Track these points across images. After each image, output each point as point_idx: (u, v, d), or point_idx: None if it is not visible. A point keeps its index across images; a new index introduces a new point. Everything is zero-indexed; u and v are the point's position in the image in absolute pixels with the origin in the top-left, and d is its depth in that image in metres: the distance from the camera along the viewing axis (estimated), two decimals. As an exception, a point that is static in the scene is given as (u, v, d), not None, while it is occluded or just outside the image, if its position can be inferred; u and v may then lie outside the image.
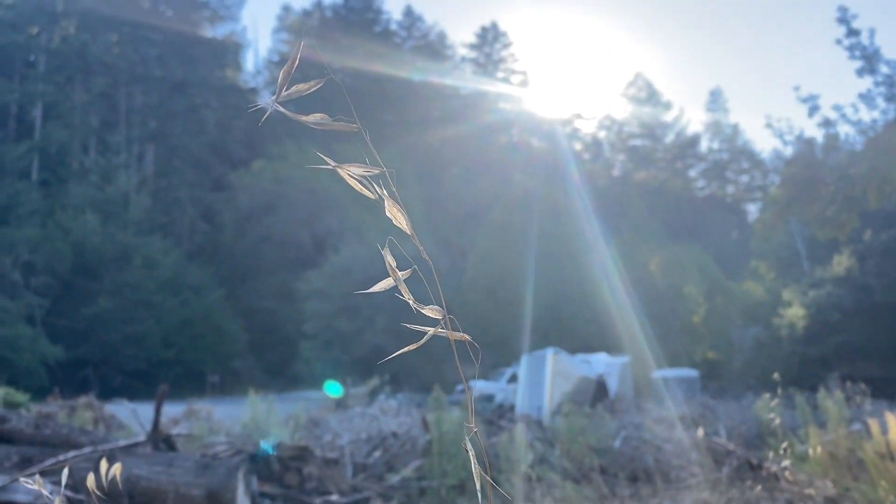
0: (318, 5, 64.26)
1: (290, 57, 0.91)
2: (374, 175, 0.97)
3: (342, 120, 0.96)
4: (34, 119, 51.64)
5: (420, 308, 0.90)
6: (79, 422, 11.82)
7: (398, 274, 0.91)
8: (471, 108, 60.14)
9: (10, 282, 39.94)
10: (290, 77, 0.93)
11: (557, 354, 18.42)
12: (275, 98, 0.89)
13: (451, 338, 0.91)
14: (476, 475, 0.99)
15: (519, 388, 19.19)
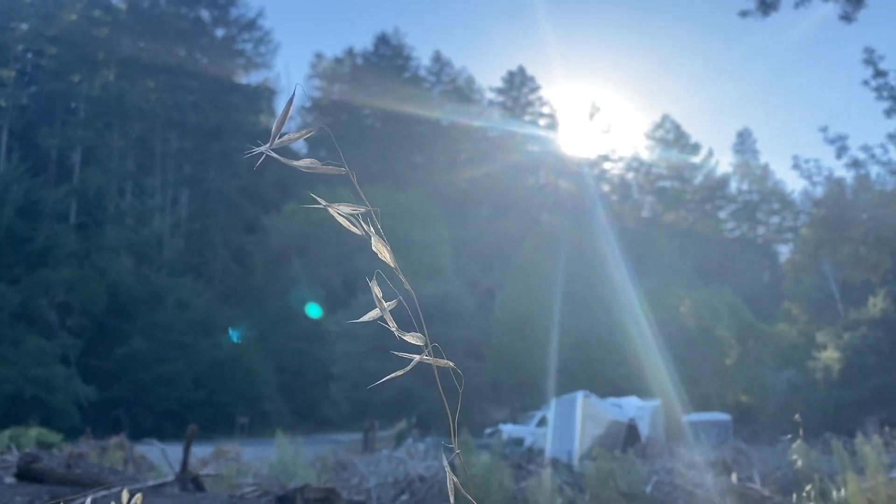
0: (349, 52, 65.71)
1: (283, 110, 1.01)
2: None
3: (331, 163, 1.06)
4: (73, 164, 53.16)
5: (402, 335, 0.99)
6: (110, 462, 11.95)
7: (384, 304, 1.00)
8: (498, 149, 60.63)
9: (47, 322, 40.69)
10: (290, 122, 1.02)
11: (588, 398, 18.24)
12: (268, 145, 0.99)
13: (435, 364, 1.00)
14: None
15: (549, 431, 18.98)
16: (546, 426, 20.42)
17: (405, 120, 59.18)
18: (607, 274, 40.34)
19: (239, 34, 61.02)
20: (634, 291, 37.20)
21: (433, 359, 1.07)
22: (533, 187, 60.63)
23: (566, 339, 36.52)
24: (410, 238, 46.50)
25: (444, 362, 1.07)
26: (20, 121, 52.58)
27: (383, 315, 1.06)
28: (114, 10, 57.52)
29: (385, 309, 1.04)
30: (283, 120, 0.99)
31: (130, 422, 36.58)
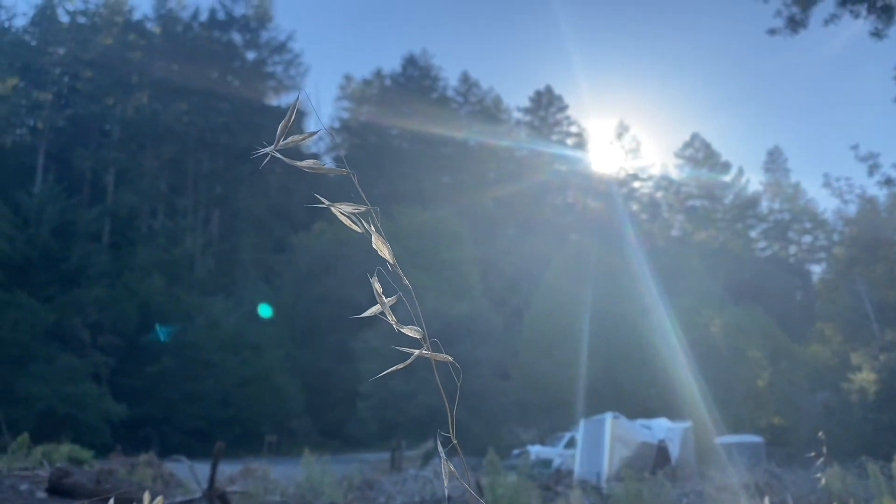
0: (377, 74, 66.39)
1: (288, 112, 1.06)
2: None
3: (336, 165, 1.10)
4: (107, 184, 54.18)
5: (401, 328, 1.02)
6: (139, 478, 12.05)
7: (384, 299, 1.03)
8: (526, 169, 60.67)
9: (79, 340, 41.30)
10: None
11: (616, 419, 18.05)
12: (273, 146, 1.03)
13: (433, 358, 1.02)
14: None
15: (577, 452, 18.81)
16: (574, 447, 20.23)
17: (433, 140, 59.53)
18: (637, 293, 40.00)
19: (270, 57, 62.02)
20: (664, 311, 36.82)
21: (431, 353, 1.09)
22: (561, 206, 60.51)
23: (595, 360, 36.22)
24: (438, 257, 46.58)
25: (443, 356, 1.10)
26: (56, 142, 53.78)
27: (383, 310, 1.09)
28: (148, 33, 58.81)
29: (385, 304, 1.07)
30: (288, 122, 1.05)
31: (160, 439, 36.90)
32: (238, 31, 61.03)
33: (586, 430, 18.61)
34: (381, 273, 1.10)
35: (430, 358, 1.10)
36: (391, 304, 1.09)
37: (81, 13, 57.79)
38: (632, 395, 34.05)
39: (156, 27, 59.40)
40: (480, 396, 37.22)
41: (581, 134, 67.03)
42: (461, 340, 38.36)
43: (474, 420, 36.01)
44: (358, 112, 65.65)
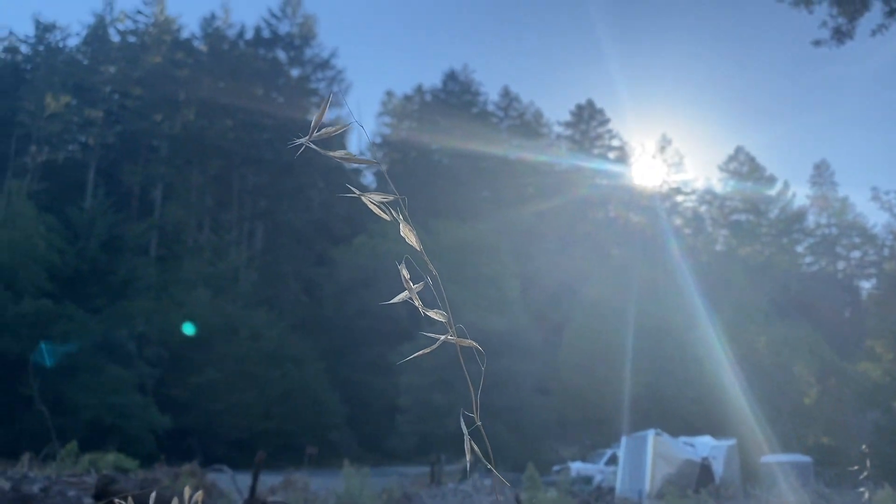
0: (418, 89, 66.92)
1: (321, 106, 1.13)
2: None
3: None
4: (155, 199, 55.49)
5: (426, 311, 1.08)
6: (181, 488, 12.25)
7: (412, 285, 1.09)
8: (566, 183, 60.41)
9: (126, 352, 42.20)
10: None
11: (659, 436, 17.80)
12: (307, 137, 1.10)
13: (458, 344, 1.07)
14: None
15: (619, 470, 18.60)
16: (616, 464, 20.00)
17: (473, 155, 59.69)
18: (680, 309, 39.47)
19: (313, 73, 62.99)
20: (709, 327, 36.24)
21: (457, 339, 1.15)
22: (602, 221, 60.07)
23: (637, 376, 35.79)
24: (477, 272, 46.57)
25: (469, 342, 1.15)
26: (106, 158, 55.31)
27: (410, 295, 1.15)
28: (195, 52, 60.22)
29: (413, 290, 1.13)
30: (321, 115, 1.12)
31: (203, 450, 37.41)
32: (283, 49, 62.18)
33: (628, 446, 18.40)
34: (408, 261, 1.16)
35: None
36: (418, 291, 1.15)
37: (131, 32, 59.51)
38: (675, 412, 33.52)
39: (203, 45, 60.82)
40: (520, 412, 37.02)
41: (623, 147, 66.58)
42: (500, 355, 38.24)
43: (514, 435, 35.81)
44: (399, 127, 66.21)
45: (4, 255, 41.67)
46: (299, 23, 62.18)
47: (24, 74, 56.42)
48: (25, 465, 18.76)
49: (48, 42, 58.47)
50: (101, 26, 58.23)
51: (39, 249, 42.94)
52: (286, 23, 62.01)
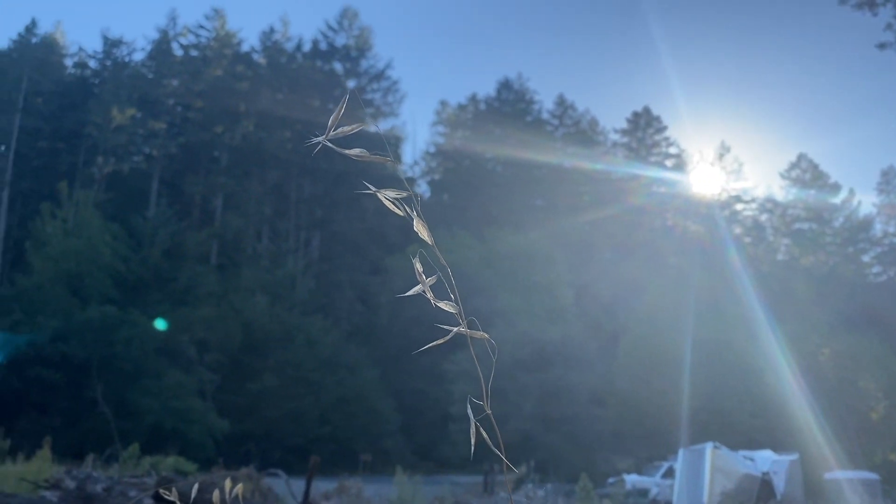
0: (472, 99, 67.09)
1: (338, 107, 1.17)
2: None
3: (379, 154, 1.21)
4: (215, 208, 56.89)
5: (437, 303, 1.10)
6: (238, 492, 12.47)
7: (424, 278, 1.11)
8: (622, 191, 59.68)
9: (187, 358, 43.26)
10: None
11: (717, 449, 17.38)
12: (325, 136, 1.14)
13: (470, 336, 1.09)
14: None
15: (676, 483, 18.21)
16: (672, 477, 19.61)
17: (527, 164, 59.48)
18: (741, 320, 38.54)
19: (369, 84, 63.76)
20: (771, 338, 35.28)
21: (468, 330, 1.17)
22: (659, 230, 59.11)
23: (696, 388, 35.02)
24: (531, 280, 46.33)
25: (480, 334, 1.17)
26: (169, 169, 56.97)
27: (423, 288, 1.17)
28: (255, 65, 61.62)
29: (425, 283, 1.15)
30: (339, 113, 1.16)
31: (260, 455, 38.02)
32: (339, 61, 63.15)
33: (685, 459, 18.00)
34: (422, 255, 1.19)
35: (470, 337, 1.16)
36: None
37: (194, 47, 61.23)
38: (734, 426, 32.69)
39: (262, 59, 62.18)
40: (574, 422, 36.63)
41: (680, 155, 65.45)
42: (554, 365, 37.94)
43: (568, 446, 35.44)
44: (452, 137, 66.46)
45: (72, 262, 43.20)
46: (355, 35, 63.09)
47: (92, 88, 58.56)
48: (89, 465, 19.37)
49: (115, 57, 60.60)
50: (164, 41, 60.09)
51: (105, 257, 44.37)
52: (343, 35, 63.00)
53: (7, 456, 19.07)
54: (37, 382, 38.79)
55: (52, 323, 39.82)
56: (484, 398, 1.12)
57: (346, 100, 1.20)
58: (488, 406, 1.14)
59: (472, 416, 1.16)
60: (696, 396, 33.72)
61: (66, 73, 60.58)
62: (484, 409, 4.45)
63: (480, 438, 1.42)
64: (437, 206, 63.43)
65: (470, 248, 49.85)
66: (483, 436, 1.18)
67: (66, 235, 44.28)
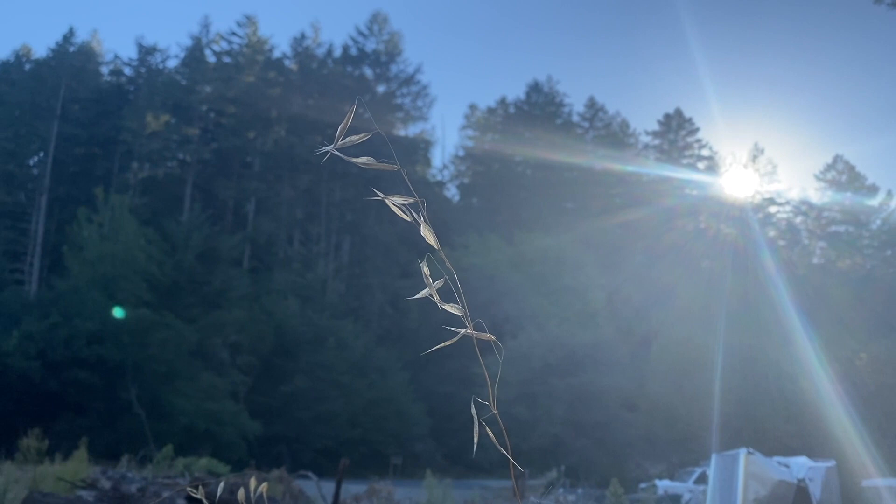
0: (502, 102, 67.06)
1: (346, 116, 1.20)
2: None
3: (386, 162, 1.24)
4: (247, 213, 57.54)
5: (443, 306, 1.13)
6: (270, 493, 12.59)
7: (431, 282, 1.13)
8: (654, 194, 59.17)
9: (219, 360, 43.77)
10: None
11: (751, 455, 17.11)
12: (333, 146, 1.16)
13: (475, 337, 1.12)
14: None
15: (708, 490, 17.97)
16: (705, 483, 19.38)
17: (557, 166, 59.28)
18: (774, 323, 37.92)
19: (398, 89, 64.08)
20: (807, 343, 34.68)
21: (475, 332, 1.20)
22: (692, 232, 58.45)
23: (728, 392, 34.53)
24: (561, 284, 46.12)
25: (487, 335, 1.20)
26: (202, 174, 57.75)
27: (430, 292, 1.20)
28: (286, 71, 62.25)
29: (432, 286, 1.18)
30: (347, 123, 1.19)
31: (291, 457, 38.33)
32: (369, 66, 63.53)
33: (718, 465, 17.75)
34: (430, 259, 1.22)
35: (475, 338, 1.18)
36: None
37: (226, 53, 62.05)
38: (769, 431, 32.17)
39: (293, 64, 62.80)
40: (605, 427, 36.35)
41: (712, 157, 64.75)
42: (585, 369, 37.70)
43: (599, 451, 35.18)
44: (482, 140, 66.47)
45: (108, 266, 43.94)
46: (385, 40, 63.45)
47: (127, 95, 59.63)
48: (124, 465, 19.70)
49: (149, 64, 61.66)
50: (198, 48, 60.97)
51: (140, 261, 45.07)
52: (372, 40, 63.39)
53: (45, 456, 19.46)
54: (73, 384, 39.53)
55: (89, 325, 40.55)
56: (490, 399, 1.16)
57: (353, 111, 1.23)
58: (494, 406, 1.18)
59: (476, 416, 1.20)
60: (729, 401, 33.23)
61: (102, 81, 61.75)
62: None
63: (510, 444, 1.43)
64: (467, 209, 63.44)
65: (499, 251, 49.78)
66: (489, 435, 1.21)
67: (102, 240, 45.06)
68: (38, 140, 55.15)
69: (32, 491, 9.82)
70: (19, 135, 53.53)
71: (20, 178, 54.84)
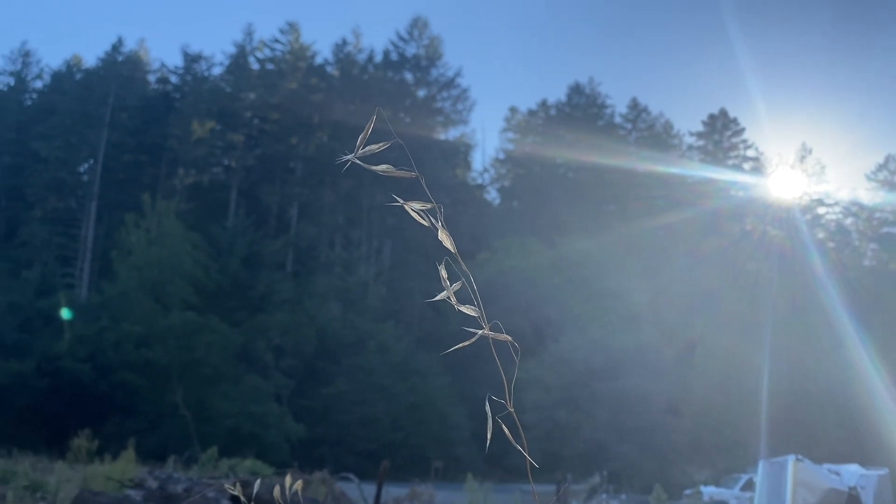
0: (542, 104, 66.72)
1: (367, 126, 1.21)
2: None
3: (405, 169, 1.26)
4: (290, 217, 58.27)
5: (459, 307, 1.14)
6: (312, 494, 12.69)
7: (449, 284, 1.14)
8: (698, 196, 58.24)
9: (263, 363, 44.35)
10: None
11: (800, 462, 16.71)
12: (354, 154, 1.18)
13: (491, 338, 1.13)
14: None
15: (755, 497, 17.62)
16: (752, 490, 18.99)
17: (599, 168, 58.74)
18: (825, 327, 37.11)
19: (438, 93, 64.23)
20: (859, 347, 33.80)
21: (491, 332, 1.21)
22: (737, 234, 57.40)
23: (776, 398, 33.83)
24: (603, 287, 45.66)
25: (504, 336, 1.20)
26: (246, 180, 58.64)
27: (448, 294, 1.21)
28: (328, 76, 62.88)
29: (450, 289, 1.19)
30: (367, 132, 1.21)
31: (334, 460, 38.61)
32: (409, 70, 63.81)
33: (766, 472, 17.38)
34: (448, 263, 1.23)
35: (489, 337, 1.21)
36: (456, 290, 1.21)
37: (269, 60, 62.91)
38: (818, 438, 31.42)
39: (335, 70, 63.40)
40: (650, 432, 35.86)
41: (758, 158, 63.48)
42: (628, 374, 37.27)
43: (643, 456, 34.71)
44: (522, 143, 66.22)
45: (154, 270, 44.87)
46: (425, 44, 63.66)
47: (173, 103, 60.86)
48: (170, 466, 20.08)
49: (195, 72, 62.84)
50: (241, 55, 61.95)
51: (186, 265, 45.91)
52: (413, 45, 63.66)
53: (95, 456, 19.95)
54: (122, 386, 40.42)
55: (137, 329, 41.43)
56: (506, 397, 1.17)
57: (373, 121, 1.25)
58: (510, 404, 1.18)
59: (490, 413, 1.22)
60: (777, 407, 32.56)
61: (149, 89, 63.13)
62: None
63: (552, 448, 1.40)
64: (507, 212, 63.23)
65: (540, 254, 49.50)
66: (505, 431, 1.22)
67: (149, 245, 46.02)
68: (88, 148, 56.64)
69: (83, 490, 10.07)
70: (70, 143, 55.02)
71: (71, 185, 56.35)
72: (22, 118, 59.23)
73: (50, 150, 54.09)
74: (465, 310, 1.19)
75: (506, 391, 1.19)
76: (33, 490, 13.42)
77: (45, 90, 62.34)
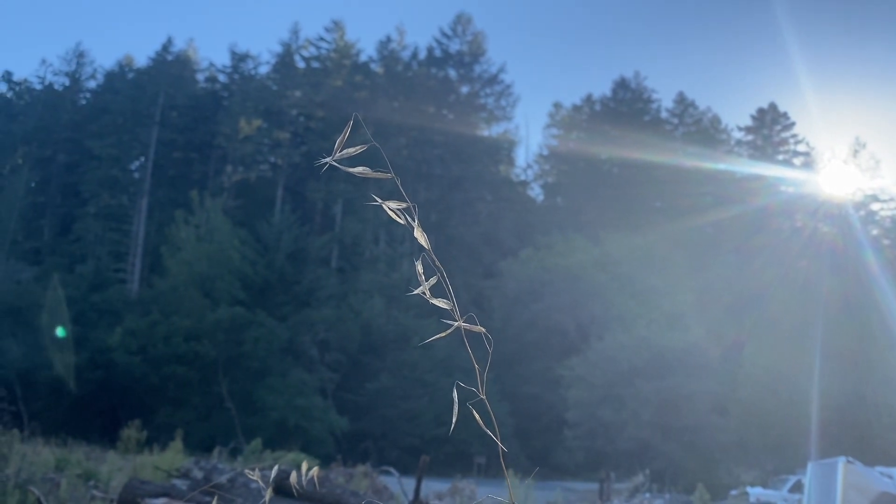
0: (587, 99, 66.15)
1: (344, 128, 1.25)
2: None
3: (381, 170, 1.30)
4: (335, 214, 58.87)
5: (432, 300, 1.19)
6: (355, 487, 12.86)
7: (424, 278, 1.18)
8: (747, 192, 57.16)
9: (309, 357, 44.94)
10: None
11: (851, 464, 16.33)
12: (331, 158, 1.22)
13: (464, 329, 1.18)
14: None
15: (804, 499, 17.30)
16: (801, 492, 18.61)
17: (644, 164, 58.03)
18: (879, 326, 36.12)
19: (482, 89, 64.14)
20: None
21: (465, 324, 1.25)
22: (787, 231, 56.16)
23: (827, 398, 33.05)
24: (648, 284, 45.13)
25: (478, 328, 1.25)
26: (292, 177, 59.45)
27: (423, 289, 1.26)
28: (372, 74, 63.31)
29: (425, 284, 1.24)
30: (345, 136, 1.25)
31: (377, 454, 38.97)
32: (453, 67, 63.85)
33: (815, 474, 17.02)
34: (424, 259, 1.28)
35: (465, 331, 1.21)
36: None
37: (315, 58, 63.61)
38: (870, 439, 30.61)
39: (379, 68, 63.79)
40: (695, 432, 35.35)
41: (809, 153, 61.99)
42: (674, 372, 36.77)
43: (688, 456, 34.25)
44: (567, 139, 65.74)
45: (203, 266, 45.80)
46: (469, 41, 63.61)
47: (221, 101, 61.97)
48: (216, 457, 20.51)
49: (242, 71, 63.87)
50: (288, 54, 62.75)
51: (234, 261, 46.77)
52: (456, 41, 63.68)
53: (145, 446, 20.51)
54: (172, 379, 41.39)
55: (186, 323, 42.35)
56: (479, 384, 1.22)
57: (351, 125, 1.30)
58: (483, 392, 1.24)
59: (457, 399, 1.27)
60: (827, 407, 31.82)
61: (198, 88, 64.37)
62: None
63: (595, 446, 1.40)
64: (551, 209, 62.87)
65: (585, 251, 49.13)
66: (476, 418, 1.27)
67: (198, 241, 46.98)
68: (139, 146, 58.04)
69: (132, 478, 10.39)
70: (122, 141, 56.46)
71: (123, 183, 57.80)
72: (76, 117, 61.02)
73: (103, 148, 55.59)
74: (438, 303, 1.25)
75: (478, 379, 1.24)
76: (86, 479, 13.88)
77: (99, 90, 64.08)
